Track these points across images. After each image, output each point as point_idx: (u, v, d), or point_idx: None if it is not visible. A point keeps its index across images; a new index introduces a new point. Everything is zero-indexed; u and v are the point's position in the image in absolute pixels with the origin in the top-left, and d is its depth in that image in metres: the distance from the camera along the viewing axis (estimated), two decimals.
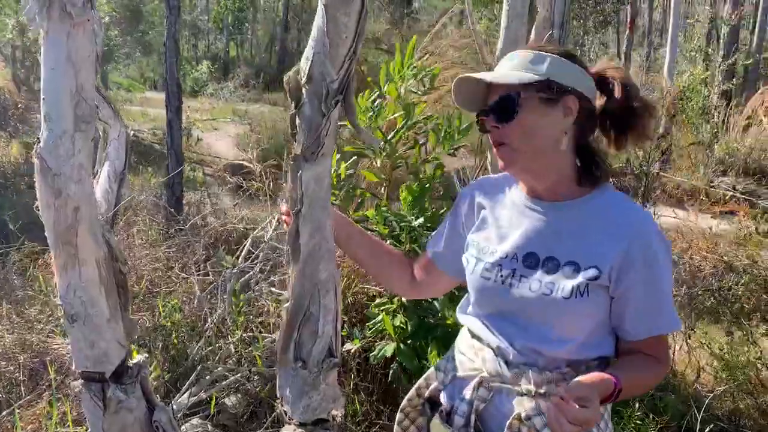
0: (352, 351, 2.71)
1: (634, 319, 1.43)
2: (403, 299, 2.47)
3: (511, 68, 1.46)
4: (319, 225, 1.54)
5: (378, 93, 2.65)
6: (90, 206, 1.56)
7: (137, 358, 1.89)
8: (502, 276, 1.48)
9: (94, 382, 1.70)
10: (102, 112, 1.87)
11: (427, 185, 2.47)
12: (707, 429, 2.44)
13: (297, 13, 24.78)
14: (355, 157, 2.63)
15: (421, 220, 2.40)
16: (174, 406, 2.46)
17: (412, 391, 1.69)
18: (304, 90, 1.42)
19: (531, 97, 1.42)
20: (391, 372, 2.59)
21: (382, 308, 2.51)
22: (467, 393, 1.51)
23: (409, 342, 2.46)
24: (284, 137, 10.11)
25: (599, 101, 1.50)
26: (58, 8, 1.40)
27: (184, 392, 2.50)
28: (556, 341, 1.42)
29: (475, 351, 1.54)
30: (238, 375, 2.65)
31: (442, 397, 1.60)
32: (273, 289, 2.95)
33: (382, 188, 2.74)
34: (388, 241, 2.41)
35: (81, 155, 1.49)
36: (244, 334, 2.76)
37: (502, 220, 1.55)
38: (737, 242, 2.94)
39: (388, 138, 2.60)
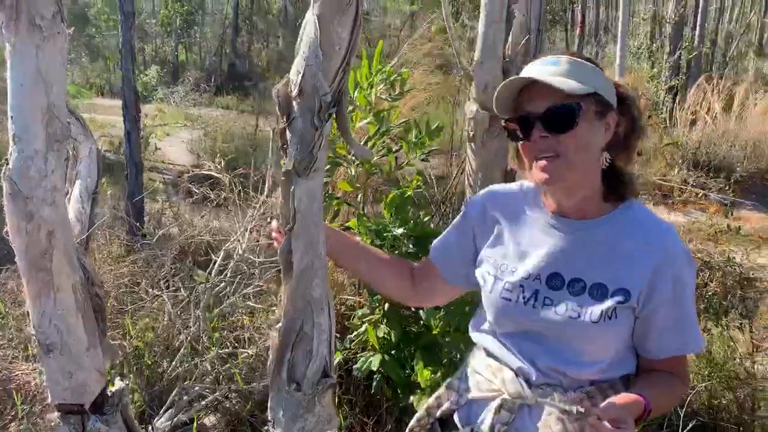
0: (334, 363, 2.65)
1: (658, 338, 1.40)
2: (386, 309, 2.43)
3: (557, 74, 1.36)
4: (312, 242, 1.49)
5: None
6: (65, 230, 1.47)
7: (117, 385, 1.81)
8: (524, 297, 1.43)
9: (72, 414, 1.62)
10: (72, 128, 1.77)
11: (408, 194, 2.43)
12: (689, 425, 2.47)
13: (247, 16, 24.43)
14: (329, 167, 2.57)
15: (403, 229, 2.36)
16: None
17: (421, 411, 1.62)
18: (294, 103, 1.36)
19: (588, 109, 1.35)
20: (374, 384, 2.54)
21: (365, 319, 2.46)
22: (488, 416, 1.45)
23: (393, 353, 2.42)
24: (242, 142, 9.94)
25: None
26: (27, 21, 1.31)
27: (162, 414, 2.40)
28: (583, 363, 1.39)
29: (492, 371, 1.49)
30: (217, 393, 2.56)
31: (457, 419, 1.55)
32: (248, 303, 2.87)
33: (358, 197, 2.69)
34: None
35: (54, 176, 1.40)
36: (220, 351, 2.67)
37: (522, 237, 1.49)
38: (709, 239, 3.00)
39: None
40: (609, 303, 1.35)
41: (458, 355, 2.50)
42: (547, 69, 1.38)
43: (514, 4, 2.28)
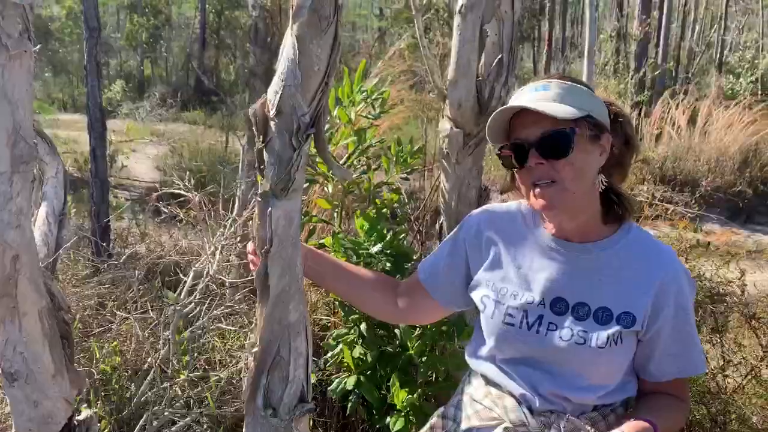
0: (311, 387, 2.60)
1: (660, 361, 1.39)
2: (362, 329, 2.40)
3: (548, 99, 1.35)
4: (289, 264, 1.46)
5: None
6: (30, 254, 1.42)
7: (84, 413, 1.75)
8: (528, 322, 1.40)
9: None
10: (38, 149, 1.72)
11: (383, 210, 2.41)
12: None
13: (214, 31, 24.31)
14: (306, 184, 2.55)
15: (379, 246, 2.34)
16: None
17: None
18: (272, 123, 1.33)
19: (582, 134, 1.34)
20: (349, 405, 2.49)
21: (340, 339, 2.42)
22: None
23: (369, 373, 2.38)
24: (210, 158, 9.84)
25: None
26: None
27: None
28: (588, 389, 1.37)
29: (493, 399, 1.46)
30: (188, 419, 2.49)
31: None
32: (220, 325, 2.81)
33: (335, 215, 2.66)
34: None
35: (20, 198, 1.35)
36: (191, 374, 2.60)
37: (523, 261, 1.46)
38: (680, 254, 3.04)
39: (341, 163, 2.53)
40: (615, 327, 1.34)
41: (434, 376, 2.48)
42: (538, 95, 1.36)
43: (487, 24, 2.30)
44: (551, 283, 1.41)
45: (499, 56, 2.30)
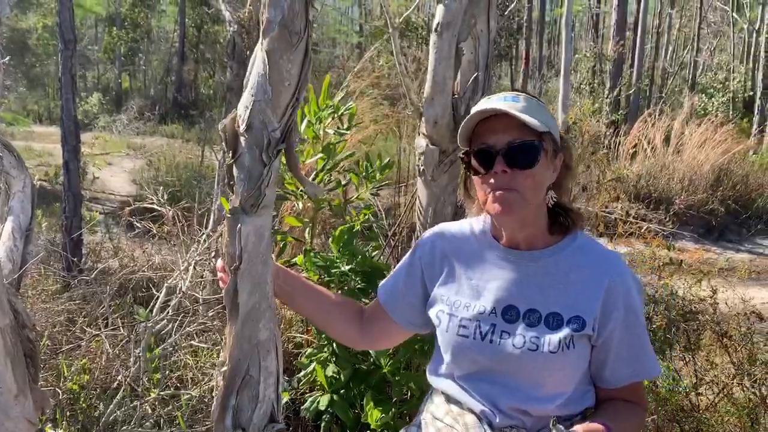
0: (282, 407, 2.56)
1: (614, 366, 1.40)
2: (335, 347, 2.37)
3: (518, 110, 1.35)
4: (260, 281, 1.44)
5: None
6: None
7: None
8: (481, 332, 1.41)
9: None
10: (4, 161, 1.68)
11: (355, 228, 2.40)
12: None
13: (193, 45, 24.23)
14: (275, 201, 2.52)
15: (351, 265, 2.32)
16: None
17: None
18: (242, 139, 1.32)
19: (547, 149, 1.37)
20: (323, 424, 2.46)
21: (313, 358, 2.39)
22: None
23: (342, 392, 2.35)
24: (186, 173, 9.76)
25: None
26: None
27: None
28: (545, 398, 1.37)
29: (454, 416, 1.45)
30: None
31: None
32: (192, 342, 2.76)
33: (306, 232, 2.63)
34: None
35: None
36: (162, 393, 2.55)
37: (474, 273, 1.47)
38: (653, 272, 3.07)
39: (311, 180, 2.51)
40: (566, 331, 1.35)
41: (409, 394, 2.45)
42: (508, 104, 1.37)
43: (463, 42, 2.31)
44: (502, 292, 1.42)
45: (475, 74, 2.31)
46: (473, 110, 1.40)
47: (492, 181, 1.37)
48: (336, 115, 2.55)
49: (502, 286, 1.43)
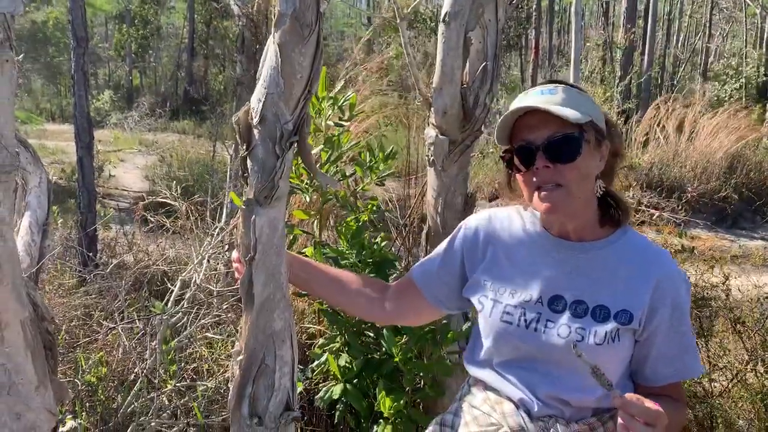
0: (297, 396, 2.59)
1: (657, 363, 1.39)
2: (347, 337, 2.39)
3: (556, 103, 1.34)
4: (274, 272, 1.46)
5: None
6: (13, 264, 1.41)
7: (69, 425, 1.74)
8: (525, 320, 1.40)
9: None
10: (20, 158, 1.71)
11: (363, 219, 2.41)
12: None
13: (203, 40, 24.28)
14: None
15: (361, 256, 2.34)
16: None
17: None
18: (255, 131, 1.34)
19: (589, 139, 1.35)
20: (336, 414, 2.49)
21: (325, 348, 2.42)
22: None
23: (355, 382, 2.38)
24: (198, 168, 9.81)
25: None
26: None
27: None
28: (587, 389, 1.35)
29: (491, 404, 1.45)
30: (175, 429, 2.47)
31: None
32: (207, 334, 2.80)
33: (314, 224, 2.65)
34: None
35: (2, 208, 1.34)
36: (178, 384, 2.59)
37: (522, 260, 1.46)
38: None
39: None
40: (612, 324, 1.34)
41: (421, 383, 2.48)
42: (545, 98, 1.36)
43: (471, 31, 2.31)
44: (549, 282, 1.41)
45: (484, 64, 2.31)
46: (511, 107, 1.39)
47: (535, 179, 1.36)
48: (336, 106, 2.55)
49: (550, 275, 1.42)
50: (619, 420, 1.19)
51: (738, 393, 2.95)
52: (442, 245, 1.62)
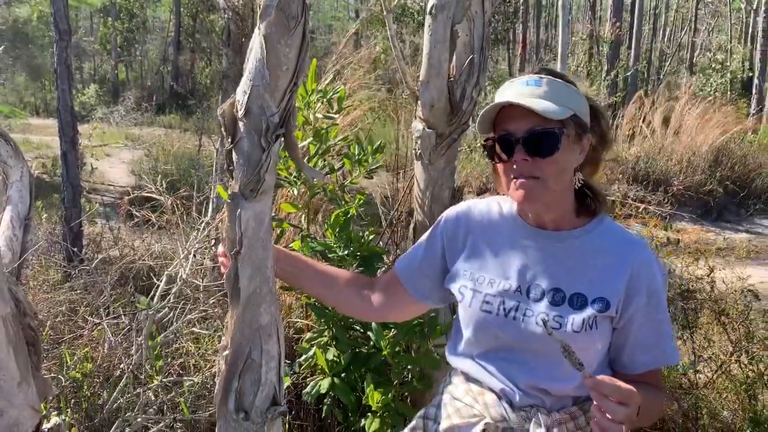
0: (284, 390, 2.58)
1: (633, 351, 1.40)
2: (335, 331, 2.38)
3: (538, 96, 1.36)
4: (260, 266, 1.45)
5: None
6: None
7: (53, 421, 1.72)
8: (505, 309, 1.41)
9: None
10: (1, 151, 1.68)
11: (350, 213, 2.40)
12: None
13: (189, 34, 24.10)
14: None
15: (348, 250, 2.33)
16: None
17: None
18: (241, 124, 1.32)
19: (568, 134, 1.36)
20: (324, 408, 2.48)
21: (313, 342, 2.41)
22: None
23: (343, 375, 2.37)
24: (185, 162, 9.75)
25: None
26: None
27: None
28: (565, 378, 1.37)
29: (473, 396, 1.46)
30: (161, 425, 2.46)
31: None
32: (194, 329, 2.78)
33: (302, 218, 2.64)
34: None
35: None
36: (164, 379, 2.57)
37: (500, 249, 1.48)
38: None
39: None
40: (589, 311, 1.36)
41: (409, 376, 2.47)
42: (529, 90, 1.37)
43: (458, 24, 2.30)
44: (527, 270, 1.43)
45: (471, 56, 2.31)
46: (496, 97, 1.40)
47: (513, 169, 1.38)
48: (324, 99, 2.54)
49: (528, 264, 1.43)
50: (594, 402, 1.20)
51: (722, 384, 2.98)
52: (424, 237, 1.63)
